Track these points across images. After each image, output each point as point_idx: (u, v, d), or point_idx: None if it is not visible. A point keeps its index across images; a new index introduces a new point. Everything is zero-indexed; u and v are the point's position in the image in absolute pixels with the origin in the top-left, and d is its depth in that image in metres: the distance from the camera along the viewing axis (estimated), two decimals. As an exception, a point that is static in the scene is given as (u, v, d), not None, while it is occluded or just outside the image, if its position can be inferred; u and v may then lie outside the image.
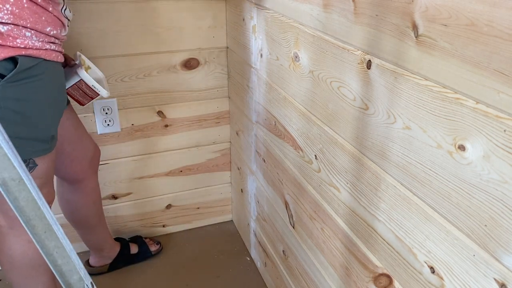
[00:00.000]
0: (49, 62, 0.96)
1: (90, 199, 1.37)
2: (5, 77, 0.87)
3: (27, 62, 0.90)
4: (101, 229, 1.48)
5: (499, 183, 0.53)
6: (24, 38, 0.89)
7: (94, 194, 1.38)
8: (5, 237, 1.09)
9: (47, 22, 0.92)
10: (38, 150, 1.00)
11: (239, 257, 1.68)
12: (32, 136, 0.97)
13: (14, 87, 0.89)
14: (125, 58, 1.44)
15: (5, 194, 0.45)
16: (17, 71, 0.88)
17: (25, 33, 0.89)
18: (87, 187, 1.34)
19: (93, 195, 1.38)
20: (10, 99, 0.90)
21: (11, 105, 0.91)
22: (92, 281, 0.54)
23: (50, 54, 0.95)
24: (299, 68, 1.00)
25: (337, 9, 0.80)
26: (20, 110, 0.92)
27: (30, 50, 0.90)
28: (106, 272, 1.56)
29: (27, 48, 0.89)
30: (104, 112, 1.48)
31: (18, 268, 1.11)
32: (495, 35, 0.50)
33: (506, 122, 0.50)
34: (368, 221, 0.82)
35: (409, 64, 0.64)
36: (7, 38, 0.86)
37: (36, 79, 0.93)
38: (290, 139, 1.12)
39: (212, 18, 1.48)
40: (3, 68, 0.87)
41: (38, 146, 1.00)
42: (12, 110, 0.91)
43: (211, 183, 1.77)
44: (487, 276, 0.57)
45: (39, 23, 0.91)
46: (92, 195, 1.37)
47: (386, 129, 0.72)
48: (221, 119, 1.66)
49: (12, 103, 0.91)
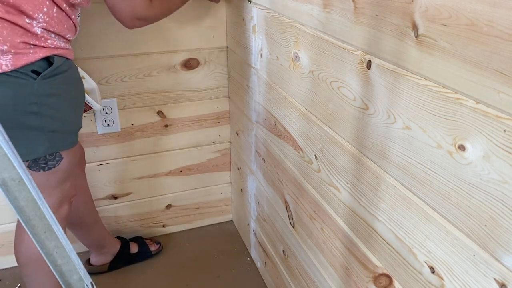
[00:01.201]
0: (70, 61, 1.05)
1: (81, 199, 1.37)
2: (40, 74, 0.95)
3: (58, 60, 0.99)
4: (98, 227, 1.48)
5: (499, 183, 0.53)
6: (53, 39, 0.98)
7: (84, 194, 1.39)
8: (24, 232, 1.10)
9: (68, 29, 1.02)
10: (68, 143, 1.07)
11: (239, 257, 1.68)
12: (65, 129, 1.05)
13: (48, 84, 0.97)
14: (125, 58, 1.44)
15: (5, 194, 0.45)
16: (52, 69, 0.97)
17: (52, 35, 0.98)
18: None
19: (83, 195, 1.38)
20: (45, 95, 0.98)
21: (46, 100, 0.98)
22: (92, 281, 0.54)
23: (70, 53, 1.05)
24: (299, 68, 1.00)
25: (337, 9, 0.80)
26: (54, 105, 1.00)
27: (60, 50, 1.00)
28: (106, 271, 1.56)
29: (57, 48, 0.99)
30: (104, 112, 1.48)
31: (35, 263, 1.12)
32: (495, 35, 0.49)
33: (506, 122, 0.50)
34: (368, 221, 0.82)
35: (409, 64, 0.64)
36: (41, 39, 0.95)
37: (64, 75, 1.01)
38: (290, 139, 1.12)
39: (212, 18, 1.48)
40: (39, 67, 0.95)
41: (69, 139, 1.07)
42: (48, 105, 0.99)
43: (211, 183, 1.77)
44: (487, 276, 0.57)
45: (62, 31, 1.00)
46: (83, 195, 1.38)
47: (386, 129, 0.72)
48: (221, 119, 1.66)
49: (47, 98, 0.98)
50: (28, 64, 0.93)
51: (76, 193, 1.19)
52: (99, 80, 1.43)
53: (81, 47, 1.37)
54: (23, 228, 1.10)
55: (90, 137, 1.50)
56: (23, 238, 1.12)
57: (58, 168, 1.06)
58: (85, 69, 1.34)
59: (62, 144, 1.05)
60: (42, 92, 0.97)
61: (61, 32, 0.99)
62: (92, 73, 1.39)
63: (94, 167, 1.55)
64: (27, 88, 0.94)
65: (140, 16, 1.07)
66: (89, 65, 1.39)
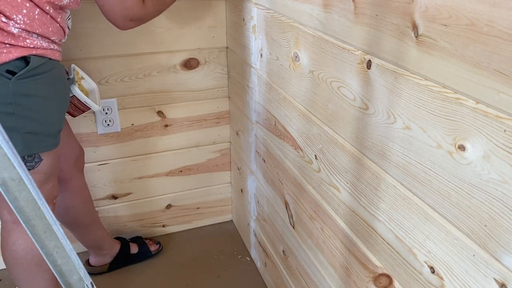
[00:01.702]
0: (53, 61, 1.01)
1: (79, 199, 1.37)
2: (16, 74, 0.93)
3: (37, 60, 0.96)
4: (96, 228, 1.48)
5: (499, 183, 0.53)
6: (33, 39, 0.95)
7: (82, 193, 1.39)
8: (9, 233, 1.10)
9: (53, 32, 0.99)
10: (47, 144, 1.04)
11: (239, 257, 1.68)
12: (42, 131, 1.02)
13: (25, 84, 0.95)
14: (125, 58, 1.44)
15: (5, 194, 0.45)
16: (29, 69, 0.94)
17: (33, 35, 0.95)
18: (74, 187, 1.35)
19: (81, 195, 1.38)
20: (21, 95, 0.95)
21: (22, 101, 0.95)
22: (92, 281, 0.54)
23: (54, 54, 1.01)
24: (299, 68, 1.00)
25: (337, 9, 0.80)
26: (30, 106, 0.97)
27: (39, 50, 0.96)
28: (106, 272, 1.56)
29: (36, 48, 0.95)
30: (104, 112, 1.48)
31: (22, 264, 1.11)
32: (495, 35, 0.49)
33: (506, 122, 0.50)
34: (368, 221, 0.82)
35: (409, 64, 0.64)
36: (18, 38, 0.92)
37: (44, 76, 0.98)
38: (290, 139, 1.12)
39: (212, 18, 1.48)
40: (15, 66, 0.93)
41: (48, 141, 1.04)
42: (23, 106, 0.96)
43: (211, 183, 1.77)
44: (487, 276, 0.57)
45: (46, 33, 0.97)
46: (80, 195, 1.38)
47: (386, 129, 0.72)
48: (221, 119, 1.66)
49: (23, 99, 0.96)
50: (2, 63, 0.91)
51: (57, 194, 1.17)
52: (99, 80, 1.43)
53: (81, 47, 1.37)
54: (7, 230, 1.10)
55: (90, 137, 1.50)
56: (8, 240, 1.10)
57: (38, 169, 1.04)
58: (85, 69, 1.34)
59: (39, 145, 1.02)
60: (17, 92, 0.94)
61: (45, 34, 0.96)
62: (92, 73, 1.39)
63: (94, 167, 1.55)
64: (1, 88, 0.92)
65: (133, 17, 1.04)
66: (89, 65, 1.39)
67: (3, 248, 1.13)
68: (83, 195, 1.39)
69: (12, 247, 1.10)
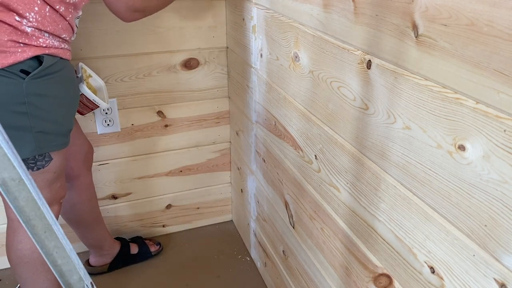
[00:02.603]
0: (64, 60, 1.03)
1: (85, 196, 1.38)
2: (29, 74, 0.93)
3: (50, 60, 0.96)
4: (99, 227, 1.48)
5: (499, 183, 0.53)
6: (45, 38, 0.96)
7: (89, 191, 1.39)
8: (15, 231, 1.10)
9: (63, 29, 1.00)
10: (58, 144, 1.05)
11: (239, 257, 1.68)
12: (54, 130, 1.03)
13: (38, 84, 0.95)
14: (125, 58, 1.44)
15: (5, 194, 0.45)
16: (42, 69, 0.95)
17: (45, 34, 0.96)
18: (82, 184, 1.36)
19: (88, 193, 1.39)
20: (34, 95, 0.96)
21: (35, 100, 0.96)
22: (92, 281, 0.54)
23: (65, 53, 1.02)
24: (299, 68, 1.00)
25: (337, 9, 0.80)
26: (43, 105, 0.98)
27: (52, 49, 0.97)
28: (106, 272, 1.56)
29: (49, 47, 0.96)
30: (104, 112, 1.48)
31: (27, 263, 1.12)
32: (495, 35, 0.49)
33: (506, 122, 0.50)
34: (368, 221, 0.82)
35: (409, 64, 0.64)
36: (31, 37, 0.93)
37: (56, 75, 0.99)
38: (290, 139, 1.12)
39: (212, 18, 1.48)
40: (29, 66, 0.93)
41: (59, 140, 1.05)
42: (36, 105, 0.96)
43: (211, 183, 1.77)
44: (487, 276, 0.57)
45: (57, 31, 0.98)
46: (87, 192, 1.38)
47: (386, 129, 0.72)
48: (221, 119, 1.66)
49: (36, 98, 0.96)
50: (16, 63, 0.91)
51: (65, 193, 1.18)
52: (99, 80, 1.43)
53: (81, 47, 1.37)
54: (13, 229, 1.10)
55: (90, 137, 1.50)
56: (14, 238, 1.11)
57: (47, 168, 1.04)
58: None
59: (50, 145, 1.02)
60: (31, 92, 0.94)
61: (55, 32, 0.97)
62: (92, 73, 1.40)
63: (94, 167, 1.55)
64: (15, 87, 0.92)
65: (137, 7, 1.04)
66: (89, 65, 1.39)
67: (8, 246, 1.13)
68: (89, 193, 1.40)
69: (18, 245, 1.10)
